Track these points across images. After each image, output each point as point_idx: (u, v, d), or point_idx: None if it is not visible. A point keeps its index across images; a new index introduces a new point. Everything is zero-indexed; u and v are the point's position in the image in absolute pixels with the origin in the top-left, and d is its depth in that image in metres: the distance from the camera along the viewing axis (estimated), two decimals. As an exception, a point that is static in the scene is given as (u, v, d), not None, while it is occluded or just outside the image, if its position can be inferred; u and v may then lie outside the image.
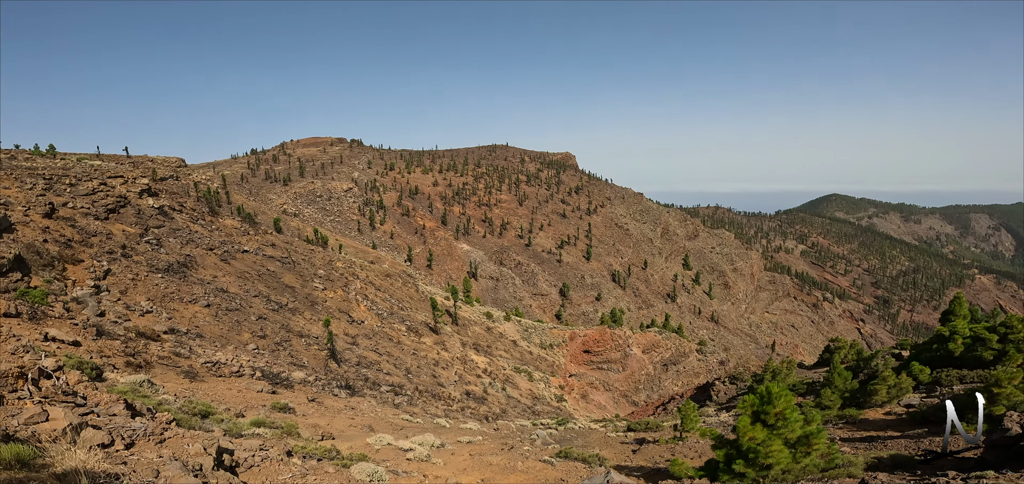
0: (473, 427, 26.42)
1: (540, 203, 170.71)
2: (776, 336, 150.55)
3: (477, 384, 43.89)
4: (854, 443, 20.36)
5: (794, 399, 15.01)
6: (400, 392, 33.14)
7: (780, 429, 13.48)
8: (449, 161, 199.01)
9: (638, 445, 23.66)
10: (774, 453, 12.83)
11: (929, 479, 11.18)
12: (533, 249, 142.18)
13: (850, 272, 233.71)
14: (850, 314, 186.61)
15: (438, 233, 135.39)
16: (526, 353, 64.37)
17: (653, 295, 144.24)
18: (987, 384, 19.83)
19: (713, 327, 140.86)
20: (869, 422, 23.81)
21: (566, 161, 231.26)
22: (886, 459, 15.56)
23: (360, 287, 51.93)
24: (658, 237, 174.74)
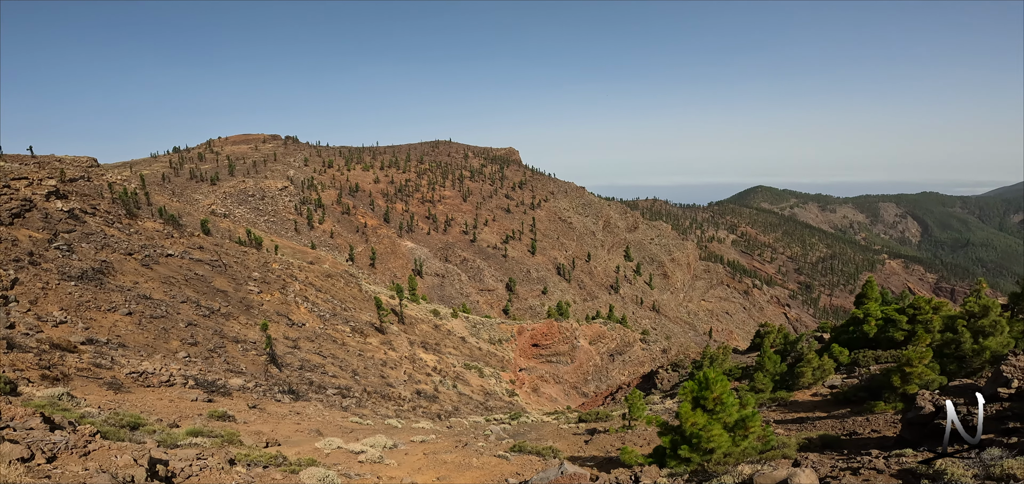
0: (426, 426, 25.65)
1: (484, 198, 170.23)
2: (712, 323, 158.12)
3: (427, 382, 42.81)
4: (787, 425, 21.30)
5: (730, 384, 15.43)
6: (348, 394, 31.64)
7: (719, 414, 13.80)
8: (391, 157, 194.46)
9: (590, 436, 23.76)
10: (715, 437, 13.07)
11: (855, 457, 11.62)
12: (478, 245, 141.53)
13: (775, 260, 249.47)
14: (777, 300, 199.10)
15: (381, 231, 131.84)
16: (475, 349, 63.70)
17: (597, 287, 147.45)
18: (900, 364, 21.01)
19: (655, 316, 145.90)
20: (799, 404, 25.01)
21: (510, 156, 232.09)
22: (816, 439, 16.27)
23: (299, 289, 49.39)
24: (600, 230, 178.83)
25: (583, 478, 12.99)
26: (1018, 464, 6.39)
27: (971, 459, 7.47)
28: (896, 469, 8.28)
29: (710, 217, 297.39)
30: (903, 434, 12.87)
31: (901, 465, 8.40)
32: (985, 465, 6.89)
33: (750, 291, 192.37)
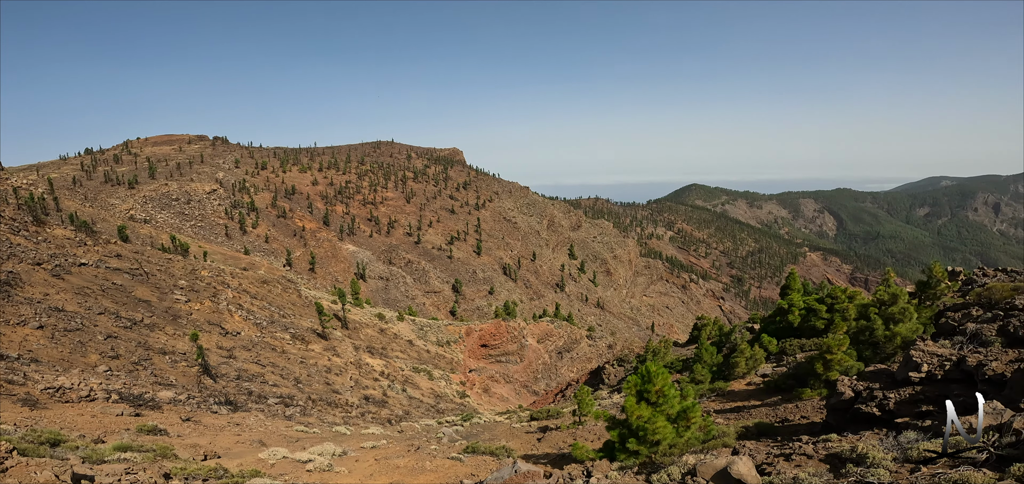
0: (376, 431, 25.04)
1: (428, 199, 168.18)
2: (654, 317, 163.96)
3: (375, 387, 41.78)
4: (726, 414, 22.42)
5: (670, 376, 16.10)
6: (291, 403, 30.34)
7: (662, 406, 14.36)
8: (330, 158, 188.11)
9: (542, 433, 24.04)
10: (660, 429, 13.57)
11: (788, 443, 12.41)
12: (423, 246, 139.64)
13: (710, 255, 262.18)
14: (712, 293, 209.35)
15: (320, 234, 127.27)
16: (424, 352, 62.80)
17: (543, 285, 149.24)
18: (821, 352, 22.52)
19: (599, 313, 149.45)
20: (735, 393, 26.33)
21: (453, 157, 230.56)
22: (752, 427, 17.20)
23: (232, 296, 46.84)
24: (544, 229, 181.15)
25: (537, 476, 13.10)
26: (932, 446, 7.04)
27: (890, 443, 8.16)
28: (824, 454, 8.90)
29: (649, 215, 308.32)
30: (828, 419, 13.81)
31: (828, 450, 9.04)
32: (903, 448, 7.54)
33: (688, 285, 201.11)
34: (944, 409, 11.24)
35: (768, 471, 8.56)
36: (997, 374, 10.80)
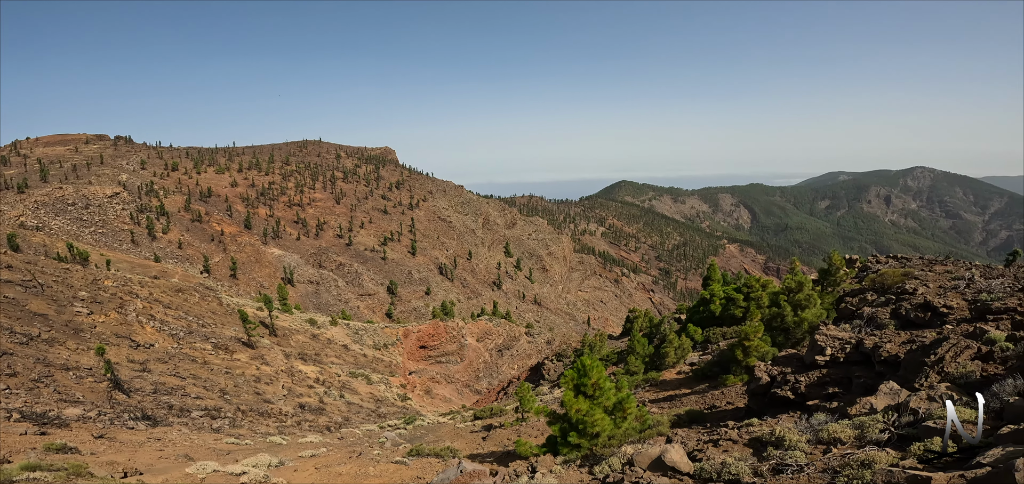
0: (314, 439, 24.11)
1: (359, 200, 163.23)
2: (590, 312, 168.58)
3: (311, 395, 40.11)
4: (660, 403, 23.51)
5: (605, 369, 16.71)
6: (218, 415, 28.55)
7: (599, 399, 14.86)
8: (250, 159, 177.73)
9: (487, 432, 24.12)
10: (598, 421, 14.04)
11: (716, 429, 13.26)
12: (355, 248, 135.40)
13: (639, 249, 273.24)
14: (643, 286, 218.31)
15: (242, 239, 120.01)
16: (360, 356, 60.98)
17: (480, 284, 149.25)
18: (740, 339, 24.08)
19: (537, 309, 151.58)
20: (667, 382, 27.64)
21: (385, 156, 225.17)
22: (683, 415, 18.15)
23: (142, 307, 43.31)
24: (480, 228, 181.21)
25: (483, 474, 13.14)
26: (840, 427, 7.81)
27: (804, 425, 8.95)
28: (747, 438, 9.61)
29: (582, 211, 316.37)
30: (750, 404, 14.87)
31: (751, 434, 9.76)
32: (814, 430, 8.31)
33: (620, 279, 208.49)
34: (849, 389, 12.44)
35: (699, 457, 9.12)
36: (891, 355, 12.10)
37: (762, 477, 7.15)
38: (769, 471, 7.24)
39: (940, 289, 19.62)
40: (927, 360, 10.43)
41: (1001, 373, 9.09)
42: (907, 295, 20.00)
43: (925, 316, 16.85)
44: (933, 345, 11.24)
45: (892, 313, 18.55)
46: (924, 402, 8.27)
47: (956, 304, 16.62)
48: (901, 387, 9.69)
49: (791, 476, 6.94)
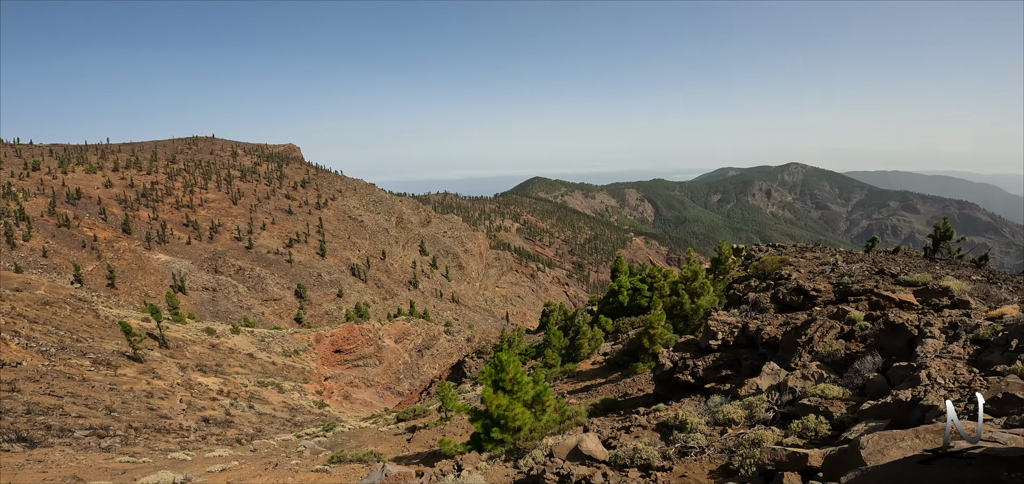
0: (224, 453, 22.54)
1: (260, 200, 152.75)
2: (508, 307, 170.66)
3: (215, 407, 37.20)
4: (577, 394, 24.51)
5: (521, 364, 17.28)
6: (107, 434, 25.85)
7: (518, 393, 15.34)
8: (128, 157, 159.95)
9: (411, 433, 23.84)
10: (519, 415, 14.51)
11: (628, 416, 14.23)
12: (257, 251, 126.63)
13: (553, 244, 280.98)
14: (558, 280, 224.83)
15: (120, 244, 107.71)
16: (269, 364, 57.31)
17: (395, 284, 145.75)
18: (646, 328, 25.69)
19: (455, 307, 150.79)
20: (583, 373, 28.84)
21: (290, 153, 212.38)
22: (599, 404, 19.13)
23: (4, 322, 37.87)
24: (393, 226, 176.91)
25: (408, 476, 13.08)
26: (733, 408, 8.79)
27: (702, 408, 9.93)
28: (655, 423, 10.47)
29: (496, 208, 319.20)
30: (657, 390, 16.04)
31: (658, 419, 10.65)
32: (711, 412, 9.27)
33: (536, 274, 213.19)
34: (739, 370, 13.87)
35: (613, 444, 9.80)
36: (771, 337, 13.66)
37: (670, 460, 7.88)
38: (676, 454, 7.99)
39: (810, 274, 22.20)
40: (799, 341, 11.93)
41: (861, 351, 10.66)
42: (783, 280, 22.34)
43: (799, 299, 19.00)
44: (804, 326, 12.87)
45: (772, 298, 20.69)
46: (799, 381, 9.52)
47: (823, 287, 18.96)
48: (780, 367, 11.03)
49: (694, 458, 7.73)
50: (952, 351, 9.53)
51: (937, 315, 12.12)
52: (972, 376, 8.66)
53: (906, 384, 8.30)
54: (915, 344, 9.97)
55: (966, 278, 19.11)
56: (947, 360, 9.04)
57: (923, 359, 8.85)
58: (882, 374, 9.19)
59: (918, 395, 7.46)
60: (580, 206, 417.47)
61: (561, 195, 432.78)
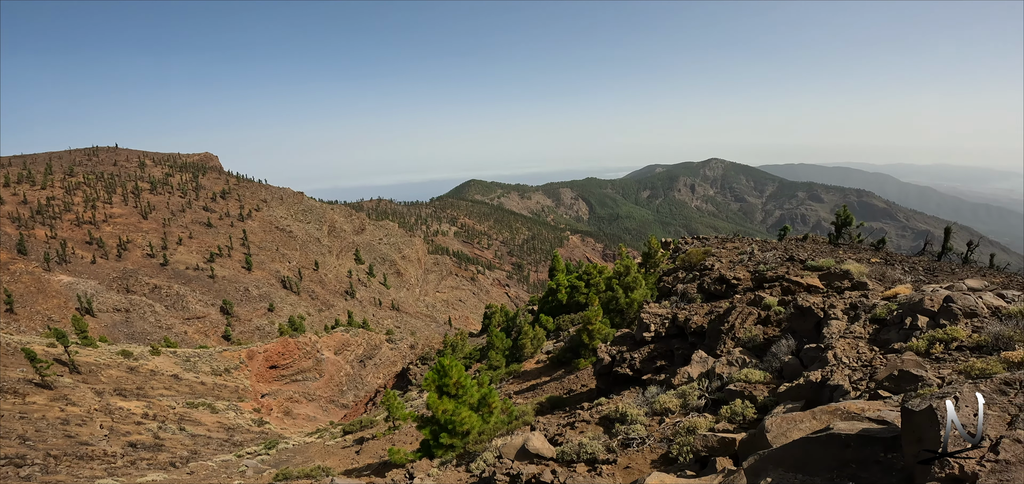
0: (158, 478, 21.13)
1: (175, 213, 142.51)
2: (450, 312, 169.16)
3: (141, 431, 34.67)
4: (524, 394, 24.82)
5: (464, 368, 17.43)
6: (24, 463, 23.76)
7: (463, 397, 15.51)
8: (20, 171, 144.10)
9: (359, 445, 23.27)
10: (466, 419, 14.65)
11: (573, 412, 14.73)
12: (174, 268, 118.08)
13: (492, 246, 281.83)
14: (499, 282, 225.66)
15: (16, 266, 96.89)
16: (197, 385, 53.79)
17: (331, 295, 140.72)
18: (584, 324, 26.44)
19: (396, 315, 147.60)
20: (528, 372, 29.21)
21: (206, 163, 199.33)
22: (545, 402, 19.55)
23: None
24: (325, 235, 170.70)
25: (355, 495, 12.85)
26: (668, 398, 9.40)
27: (641, 399, 10.51)
28: (598, 417, 10.96)
29: (433, 212, 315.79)
30: (599, 384, 16.66)
31: (600, 413, 11.14)
32: (649, 402, 9.85)
33: (476, 277, 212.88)
34: (672, 360, 14.72)
35: (560, 441, 10.17)
36: (699, 326, 14.62)
37: (614, 452, 8.31)
38: (619, 446, 8.44)
39: (731, 264, 23.79)
40: (723, 328, 12.88)
41: (777, 335, 11.65)
42: (707, 271, 23.77)
43: (722, 288, 20.32)
44: (726, 314, 13.88)
45: (698, 288, 21.99)
46: (726, 367, 10.31)
47: (743, 276, 20.40)
48: (708, 355, 11.88)
49: (636, 448, 8.20)
50: (854, 331, 10.62)
51: (840, 297, 13.43)
52: (873, 354, 9.59)
53: (817, 365, 9.21)
54: (822, 326, 11.06)
55: (866, 261, 21.20)
56: (850, 340, 10.09)
57: (829, 340, 9.86)
58: (796, 356, 10.13)
59: (826, 375, 8.30)
60: (517, 207, 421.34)
61: (498, 197, 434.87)
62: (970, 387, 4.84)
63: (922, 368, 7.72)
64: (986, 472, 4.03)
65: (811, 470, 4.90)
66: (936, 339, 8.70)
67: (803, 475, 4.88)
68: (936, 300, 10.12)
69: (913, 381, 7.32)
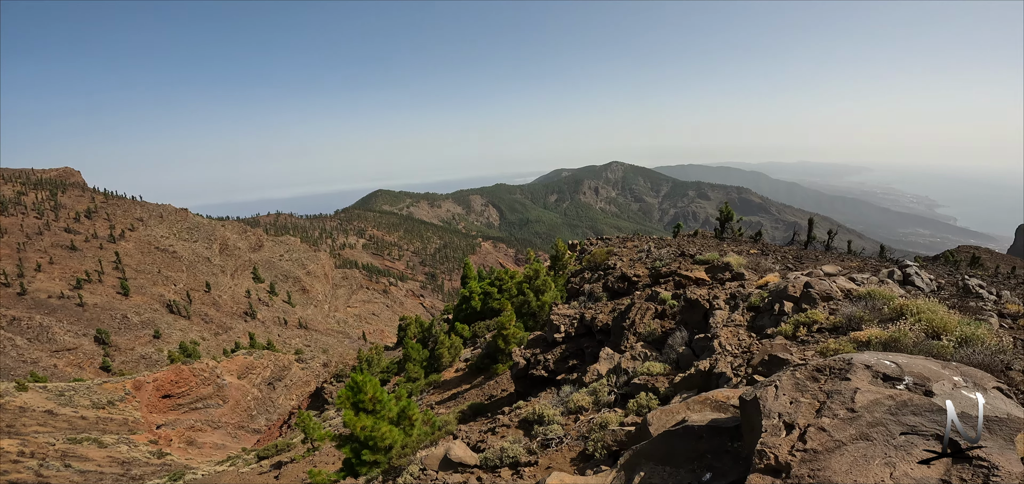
0: None
1: (31, 236, 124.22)
2: (363, 326, 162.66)
3: (20, 470, 30.29)
4: (446, 403, 24.77)
5: (379, 383, 17.21)
6: None
7: (381, 412, 15.38)
8: None
9: (277, 469, 21.97)
10: (387, 434, 14.50)
11: (494, 418, 15.15)
12: (34, 297, 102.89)
13: (403, 256, 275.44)
14: (412, 292, 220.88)
15: None
16: (77, 420, 47.71)
17: (228, 317, 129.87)
18: (499, 329, 26.96)
19: (305, 333, 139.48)
20: (448, 382, 29.16)
21: (66, 179, 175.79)
22: (467, 410, 19.74)
23: None
24: (217, 254, 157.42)
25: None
26: (581, 396, 10.05)
27: (556, 399, 11.12)
28: (518, 420, 11.41)
29: (338, 224, 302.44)
30: (517, 388, 17.15)
31: (520, 416, 11.62)
32: (564, 401, 10.46)
33: (388, 289, 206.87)
34: (583, 358, 15.61)
35: (482, 447, 10.50)
36: (604, 324, 15.64)
37: (535, 454, 8.77)
38: (539, 447, 8.91)
39: (631, 261, 25.42)
40: (625, 325, 13.94)
41: (672, 327, 12.79)
42: (611, 270, 25.19)
43: (624, 285, 21.70)
44: (627, 311, 15.00)
45: (603, 287, 23.27)
46: (630, 362, 11.22)
47: (642, 272, 21.96)
48: (614, 351, 12.81)
49: (556, 448, 8.71)
50: (735, 320, 11.92)
51: (722, 288, 14.99)
52: (751, 340, 10.61)
53: (706, 354, 10.27)
54: (709, 316, 12.34)
55: (745, 252, 23.67)
56: (732, 329, 11.33)
57: (715, 330, 11.06)
58: (689, 347, 11.22)
59: (713, 364, 9.33)
60: (427, 216, 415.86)
61: (407, 206, 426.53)
62: (789, 377, 4.94)
63: (788, 351, 8.72)
64: (797, 462, 4.07)
65: (676, 462, 5.05)
66: (800, 323, 9.69)
67: (670, 467, 5.03)
68: (797, 287, 11.49)
69: (781, 364, 7.86)
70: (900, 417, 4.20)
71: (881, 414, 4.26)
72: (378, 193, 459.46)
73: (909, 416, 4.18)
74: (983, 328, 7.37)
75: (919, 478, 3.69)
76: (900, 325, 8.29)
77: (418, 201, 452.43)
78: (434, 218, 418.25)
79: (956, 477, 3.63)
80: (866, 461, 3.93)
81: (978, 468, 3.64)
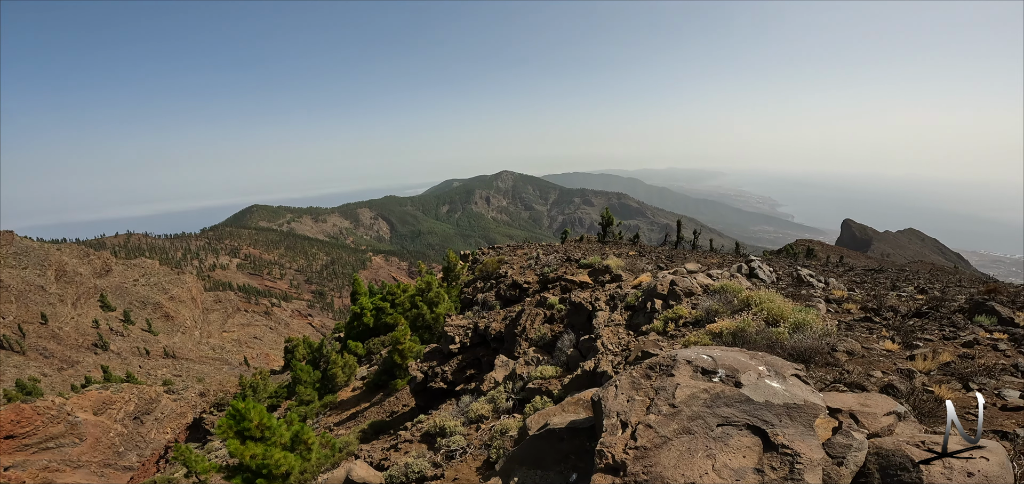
0: None
1: None
2: (244, 351, 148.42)
3: None
4: (345, 424, 23.83)
5: (265, 409, 16.32)
6: None
7: (272, 438, 14.67)
8: None
9: None
10: (281, 461, 13.86)
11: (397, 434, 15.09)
12: None
13: (286, 275, 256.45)
14: (299, 312, 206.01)
15: None
16: None
17: (72, 350, 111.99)
18: (394, 345, 26.59)
19: (173, 363, 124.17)
20: (346, 402, 28.08)
21: None
22: (368, 428, 19.31)
23: None
24: (53, 282, 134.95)
25: None
26: (480, 405, 10.47)
27: (456, 410, 11.45)
28: (420, 434, 11.55)
29: (207, 243, 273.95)
30: (418, 402, 17.14)
31: (421, 430, 11.76)
32: (464, 412, 10.81)
33: (271, 310, 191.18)
34: (480, 368, 16.12)
35: (386, 465, 10.51)
36: (498, 332, 16.29)
37: (440, 466, 9.01)
38: (444, 459, 9.18)
39: (521, 269, 26.42)
40: (517, 331, 14.69)
41: (561, 331, 13.72)
42: (503, 278, 25.99)
43: (515, 293, 22.56)
44: (518, 317, 15.79)
45: (496, 295, 23.97)
46: (524, 367, 11.90)
47: (532, 279, 23.02)
48: (508, 358, 13.45)
49: (460, 459, 9.02)
50: (615, 320, 13.05)
51: (603, 290, 16.31)
52: (629, 338, 11.60)
53: (591, 354, 11.19)
54: (592, 317, 13.41)
55: (624, 255, 25.76)
56: (612, 328, 12.41)
57: (598, 330, 12.09)
58: (577, 348, 12.09)
59: (597, 363, 10.20)
60: (311, 232, 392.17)
61: (287, 222, 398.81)
62: (627, 375, 5.05)
63: (659, 346, 9.75)
64: (631, 459, 4.10)
65: (545, 465, 5.11)
66: (669, 318, 10.77)
67: (540, 470, 5.09)
68: (665, 285, 12.81)
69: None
70: (715, 409, 4.35)
71: (699, 408, 4.40)
72: (253, 208, 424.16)
73: (723, 408, 4.35)
74: (812, 314, 8.85)
75: (737, 468, 3.84)
76: (745, 316, 9.66)
77: (300, 216, 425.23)
78: (319, 233, 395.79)
79: (767, 466, 3.82)
80: (690, 454, 4.06)
81: (784, 456, 3.85)
